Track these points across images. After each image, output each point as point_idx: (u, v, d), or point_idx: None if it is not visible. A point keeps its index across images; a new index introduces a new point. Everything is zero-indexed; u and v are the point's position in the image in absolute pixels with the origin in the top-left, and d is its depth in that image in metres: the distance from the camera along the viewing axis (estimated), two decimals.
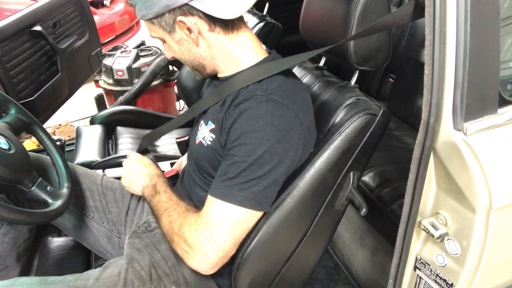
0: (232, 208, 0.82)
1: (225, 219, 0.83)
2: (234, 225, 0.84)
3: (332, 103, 0.97)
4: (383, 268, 1.44)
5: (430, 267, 0.83)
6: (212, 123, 0.91)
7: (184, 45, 0.89)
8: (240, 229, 0.85)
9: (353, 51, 0.94)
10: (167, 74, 2.55)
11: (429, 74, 0.70)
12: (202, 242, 0.83)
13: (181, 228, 0.87)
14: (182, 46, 0.90)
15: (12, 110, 1.04)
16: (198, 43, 0.88)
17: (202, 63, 0.92)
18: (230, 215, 0.83)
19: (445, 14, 0.68)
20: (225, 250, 0.85)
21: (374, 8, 0.91)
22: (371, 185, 1.46)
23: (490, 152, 0.73)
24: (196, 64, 0.93)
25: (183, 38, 0.88)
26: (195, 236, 0.84)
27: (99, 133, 1.85)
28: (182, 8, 0.82)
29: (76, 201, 1.15)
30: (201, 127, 0.97)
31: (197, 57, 0.91)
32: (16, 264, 1.14)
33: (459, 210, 0.75)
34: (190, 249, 0.85)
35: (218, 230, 0.83)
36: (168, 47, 0.93)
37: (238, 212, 0.83)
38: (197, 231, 0.84)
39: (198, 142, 0.95)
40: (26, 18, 1.68)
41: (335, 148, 0.89)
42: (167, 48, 0.94)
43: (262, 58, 0.92)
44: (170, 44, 0.91)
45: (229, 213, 0.83)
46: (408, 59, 1.83)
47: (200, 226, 0.84)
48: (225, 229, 0.83)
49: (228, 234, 0.83)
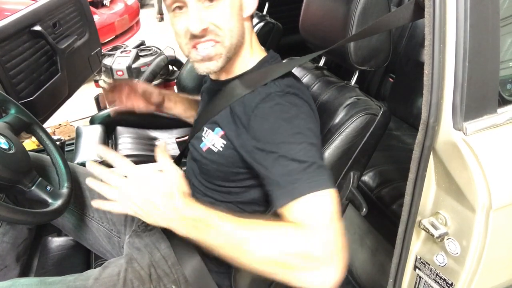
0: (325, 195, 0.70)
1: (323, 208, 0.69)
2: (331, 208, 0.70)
3: (332, 103, 0.97)
4: (383, 268, 1.44)
5: (430, 267, 0.83)
6: (221, 130, 0.87)
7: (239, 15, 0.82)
8: (337, 211, 0.70)
9: (353, 51, 0.94)
10: (167, 74, 2.55)
11: (429, 74, 0.70)
12: (325, 244, 0.66)
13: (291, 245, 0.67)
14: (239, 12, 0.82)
15: (12, 110, 1.04)
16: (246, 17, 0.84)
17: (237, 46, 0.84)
18: (323, 202, 0.70)
19: (445, 14, 0.68)
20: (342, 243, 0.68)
21: (374, 8, 0.91)
22: (371, 185, 1.46)
23: (490, 151, 0.73)
24: (234, 43, 0.83)
25: (243, 4, 0.83)
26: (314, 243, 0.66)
27: (99, 133, 1.85)
28: None
29: (76, 201, 1.15)
30: (206, 133, 0.92)
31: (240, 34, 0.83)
32: (15, 264, 1.14)
33: (459, 209, 0.75)
34: (316, 262, 0.66)
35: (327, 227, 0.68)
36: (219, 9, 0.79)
37: (323, 197, 0.70)
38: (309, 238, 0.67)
39: (207, 149, 0.90)
40: (26, 18, 1.67)
41: (335, 148, 0.89)
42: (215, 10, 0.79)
43: (263, 57, 0.91)
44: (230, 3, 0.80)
45: (321, 201, 0.70)
46: (408, 59, 1.83)
47: (308, 231, 0.67)
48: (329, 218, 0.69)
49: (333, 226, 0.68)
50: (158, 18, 5.81)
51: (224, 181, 0.91)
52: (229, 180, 0.90)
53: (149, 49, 2.59)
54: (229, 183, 0.90)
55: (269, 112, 0.78)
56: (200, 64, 0.84)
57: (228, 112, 0.87)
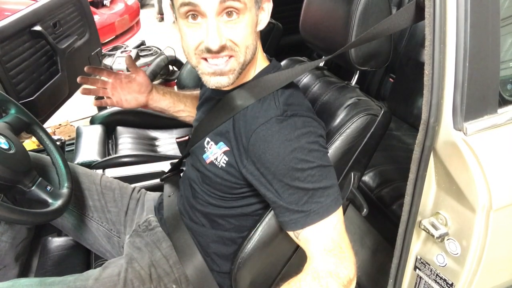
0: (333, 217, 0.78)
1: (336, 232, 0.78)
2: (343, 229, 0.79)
3: (333, 103, 0.97)
4: (383, 268, 1.44)
5: (430, 267, 0.83)
6: (224, 145, 0.87)
7: (254, 29, 0.79)
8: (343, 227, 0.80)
9: (354, 51, 0.94)
10: (167, 74, 2.55)
11: (429, 74, 0.70)
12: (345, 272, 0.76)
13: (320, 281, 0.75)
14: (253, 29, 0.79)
15: (12, 110, 1.04)
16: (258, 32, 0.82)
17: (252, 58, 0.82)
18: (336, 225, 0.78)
19: (445, 14, 0.68)
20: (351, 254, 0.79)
21: (375, 8, 0.91)
22: (371, 185, 1.46)
23: (490, 152, 0.73)
24: (248, 57, 0.80)
25: (258, 21, 0.80)
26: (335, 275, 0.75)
27: (99, 133, 1.85)
28: None
29: (76, 201, 1.15)
30: (209, 145, 0.91)
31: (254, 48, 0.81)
32: (14, 263, 1.14)
33: (459, 210, 0.75)
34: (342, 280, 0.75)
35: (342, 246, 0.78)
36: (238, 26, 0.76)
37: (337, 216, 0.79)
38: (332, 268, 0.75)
39: (210, 162, 0.90)
40: (26, 18, 1.67)
41: (336, 148, 0.89)
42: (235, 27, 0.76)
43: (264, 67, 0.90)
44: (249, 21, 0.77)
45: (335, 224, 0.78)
46: (408, 59, 1.83)
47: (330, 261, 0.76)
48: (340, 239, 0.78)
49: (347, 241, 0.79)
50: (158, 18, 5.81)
51: (227, 192, 0.91)
52: (232, 193, 0.90)
53: (149, 49, 2.59)
54: (232, 194, 0.91)
55: (270, 140, 0.78)
56: (210, 77, 0.80)
57: (231, 126, 0.86)
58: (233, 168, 0.86)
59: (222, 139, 0.88)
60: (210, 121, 0.93)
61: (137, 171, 1.51)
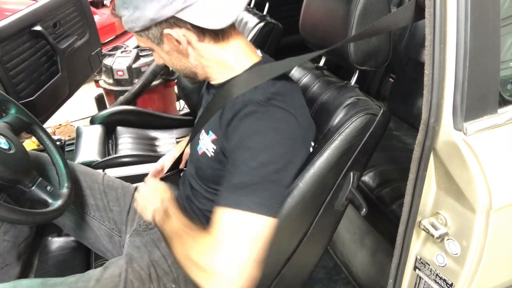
0: (242, 215, 0.74)
1: (236, 229, 0.74)
2: (247, 235, 0.74)
3: (332, 103, 0.97)
4: (383, 268, 1.44)
5: (430, 267, 0.83)
6: (213, 134, 0.89)
7: (174, 56, 0.88)
8: (258, 241, 0.75)
9: (353, 51, 0.94)
10: (167, 74, 2.55)
11: (429, 74, 0.70)
12: (215, 262, 0.73)
13: (198, 253, 0.76)
14: (172, 57, 0.88)
15: (12, 110, 1.04)
16: (188, 53, 0.86)
17: (194, 71, 0.91)
18: (241, 224, 0.74)
19: (445, 14, 0.68)
20: (248, 270, 0.73)
21: (374, 8, 0.91)
22: (371, 185, 1.45)
23: (490, 152, 0.73)
24: (188, 73, 0.92)
25: (172, 49, 0.86)
26: (206, 257, 0.74)
27: (99, 133, 1.85)
28: (168, 21, 0.79)
29: (77, 200, 1.15)
30: (202, 136, 0.94)
31: (188, 66, 0.89)
32: (16, 262, 1.14)
33: (459, 210, 0.75)
34: (205, 273, 0.74)
35: (231, 244, 0.73)
36: (158, 56, 0.91)
37: (249, 220, 0.74)
38: (208, 250, 0.74)
39: (202, 153, 0.92)
40: (26, 18, 1.68)
41: (335, 148, 0.89)
42: (157, 56, 0.92)
43: (254, 62, 0.90)
44: (160, 54, 0.89)
45: (239, 222, 0.74)
46: (408, 59, 1.83)
47: (211, 244, 0.74)
48: (243, 244, 0.73)
49: (246, 249, 0.73)
50: None
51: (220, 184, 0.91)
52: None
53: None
54: None
55: (243, 120, 0.79)
56: None
57: (219, 116, 0.88)
58: (221, 155, 0.86)
59: (211, 129, 0.90)
60: (205, 114, 0.95)
61: (137, 171, 1.51)
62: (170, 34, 0.81)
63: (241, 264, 0.73)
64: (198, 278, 0.76)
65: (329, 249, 1.75)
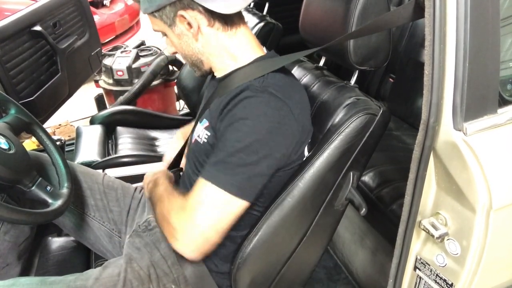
0: (214, 190, 0.82)
1: (206, 201, 0.83)
2: (214, 208, 0.83)
3: (332, 103, 0.97)
4: (383, 268, 1.44)
5: (430, 267, 0.83)
6: (206, 121, 0.93)
7: (184, 40, 0.91)
8: (220, 214, 0.84)
9: (353, 50, 0.94)
10: (167, 74, 2.55)
11: (429, 74, 0.70)
12: (184, 223, 0.85)
13: (169, 211, 0.89)
14: (182, 41, 0.92)
15: (12, 110, 1.04)
16: (197, 38, 0.89)
17: (201, 59, 0.94)
18: (212, 197, 0.83)
19: (445, 14, 0.68)
20: (204, 234, 0.84)
21: (374, 8, 0.91)
22: (371, 185, 1.45)
23: (490, 152, 0.73)
24: (195, 60, 0.95)
25: (183, 33, 0.90)
26: (178, 217, 0.86)
27: (99, 133, 1.84)
28: (182, 2, 0.84)
29: (77, 200, 1.15)
30: (197, 125, 0.98)
31: (196, 52, 0.93)
32: (17, 262, 1.14)
33: (459, 210, 0.75)
34: (174, 231, 0.86)
35: (199, 211, 0.83)
36: (169, 41, 0.95)
37: (219, 195, 0.82)
38: (181, 212, 0.86)
39: (194, 141, 0.97)
40: (26, 18, 1.68)
41: (334, 148, 0.89)
42: (168, 43, 0.96)
43: (259, 56, 0.92)
44: (171, 38, 0.93)
45: (211, 195, 0.83)
46: (408, 59, 1.83)
47: (184, 207, 0.85)
48: (205, 211, 0.83)
49: (206, 216, 0.83)
50: None
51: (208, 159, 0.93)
52: None
53: (149, 49, 2.59)
54: None
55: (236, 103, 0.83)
56: None
57: (218, 102, 0.91)
58: (215, 140, 0.89)
59: (206, 117, 0.94)
60: (205, 105, 0.98)
61: (137, 171, 1.51)
62: (183, 15, 0.86)
63: (204, 229, 0.84)
64: (166, 233, 0.90)
65: (329, 249, 1.75)
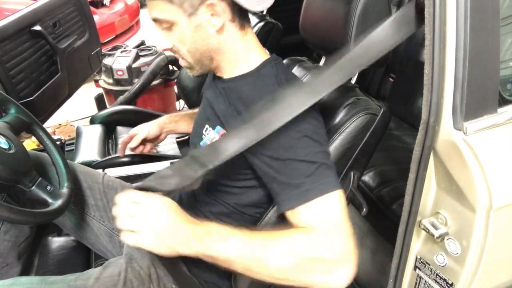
0: (334, 196, 0.74)
1: (336, 210, 0.74)
2: (336, 215, 0.74)
3: (332, 103, 0.97)
4: (383, 268, 1.44)
5: (430, 267, 0.83)
6: (222, 128, 0.88)
7: (200, 33, 0.83)
8: (342, 215, 0.75)
9: None
10: (167, 74, 2.55)
11: (429, 73, 0.70)
12: (333, 249, 0.72)
13: (306, 251, 0.72)
14: (197, 34, 0.83)
15: (12, 110, 1.04)
16: (215, 32, 0.83)
17: (211, 56, 0.87)
18: (337, 204, 0.74)
19: (445, 14, 0.68)
20: (350, 242, 0.74)
21: (374, 8, 0.91)
22: (371, 185, 1.46)
23: (490, 151, 0.73)
24: (204, 56, 0.87)
25: (201, 25, 0.82)
26: (322, 249, 0.72)
27: (99, 133, 1.84)
28: None
29: (77, 200, 1.15)
30: (206, 131, 0.93)
31: (209, 48, 0.85)
32: (17, 262, 1.14)
33: (459, 209, 0.75)
34: (331, 264, 0.72)
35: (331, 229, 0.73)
36: (173, 34, 0.85)
37: (339, 197, 0.75)
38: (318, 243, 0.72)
39: None
40: (26, 18, 1.68)
41: (335, 148, 0.89)
42: (171, 35, 0.86)
43: (264, 59, 0.90)
44: (182, 30, 0.83)
45: (335, 203, 0.74)
46: (408, 59, 1.83)
47: (316, 237, 0.72)
48: (334, 224, 0.74)
49: (339, 227, 0.74)
50: None
51: (224, 179, 0.90)
52: (230, 179, 0.90)
53: (149, 49, 2.59)
54: (230, 182, 0.90)
55: None
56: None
57: (231, 110, 0.87)
58: None
59: (219, 123, 0.89)
60: (210, 107, 0.94)
61: (137, 171, 1.51)
62: (213, 4, 0.80)
63: (347, 241, 0.73)
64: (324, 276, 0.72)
65: None
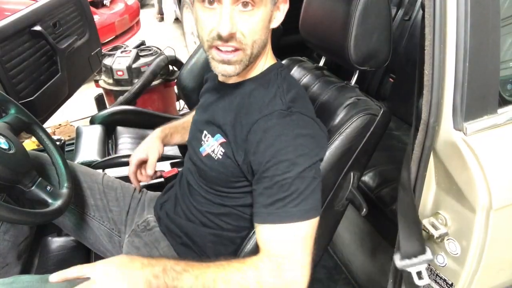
0: (296, 226, 0.76)
1: (295, 240, 0.76)
2: (305, 240, 0.77)
3: (332, 103, 0.97)
4: (383, 268, 1.44)
5: (430, 267, 0.83)
6: (221, 137, 0.88)
7: (266, 26, 0.80)
8: (311, 241, 0.78)
9: (353, 51, 0.93)
10: (167, 74, 2.55)
11: (429, 74, 0.70)
12: (288, 277, 0.74)
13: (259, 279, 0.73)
14: (268, 24, 0.81)
15: (12, 110, 1.04)
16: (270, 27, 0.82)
17: (260, 53, 0.83)
18: (297, 234, 0.76)
19: (445, 14, 0.68)
20: (307, 269, 0.76)
21: (374, 8, 0.91)
22: (371, 185, 1.46)
23: (490, 152, 0.73)
24: (259, 51, 0.82)
25: (273, 16, 0.81)
26: (277, 276, 0.74)
27: (99, 133, 1.85)
28: None
29: (77, 200, 1.15)
30: (206, 138, 0.93)
31: (265, 43, 0.83)
32: (16, 262, 1.14)
33: (459, 210, 0.75)
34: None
35: (295, 253, 0.75)
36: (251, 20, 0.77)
37: (303, 227, 0.76)
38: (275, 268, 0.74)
39: (206, 155, 0.91)
40: (26, 18, 1.68)
41: (335, 148, 0.89)
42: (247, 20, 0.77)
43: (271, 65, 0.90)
44: (262, 16, 0.78)
45: (295, 233, 0.76)
46: (408, 59, 1.83)
47: (275, 262, 0.74)
48: (300, 249, 0.76)
49: (304, 251, 0.76)
50: (158, 18, 5.80)
51: (223, 186, 0.91)
52: (229, 186, 0.90)
53: (149, 49, 2.59)
54: (228, 188, 0.91)
55: (268, 131, 0.79)
56: (218, 64, 0.82)
57: (232, 118, 0.87)
58: (229, 160, 0.86)
59: (219, 131, 0.89)
60: (210, 112, 0.93)
61: None
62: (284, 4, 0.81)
63: (304, 267, 0.75)
64: None
65: (329, 249, 1.75)
